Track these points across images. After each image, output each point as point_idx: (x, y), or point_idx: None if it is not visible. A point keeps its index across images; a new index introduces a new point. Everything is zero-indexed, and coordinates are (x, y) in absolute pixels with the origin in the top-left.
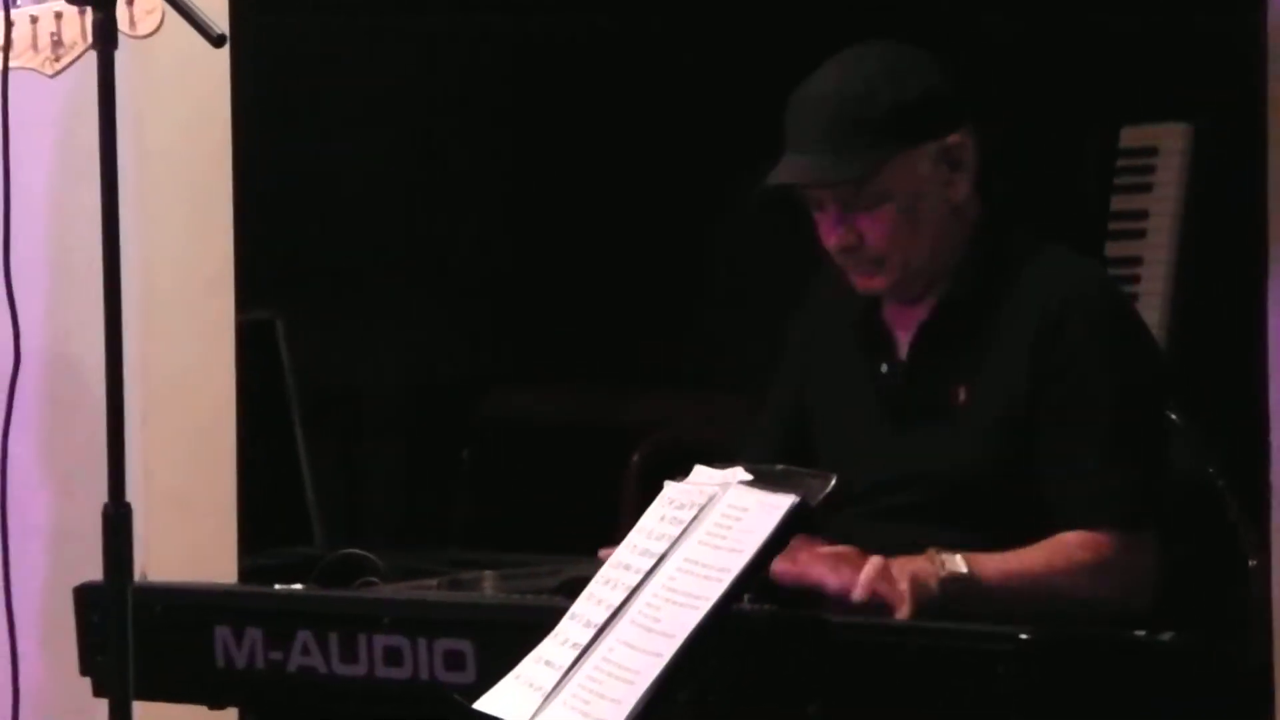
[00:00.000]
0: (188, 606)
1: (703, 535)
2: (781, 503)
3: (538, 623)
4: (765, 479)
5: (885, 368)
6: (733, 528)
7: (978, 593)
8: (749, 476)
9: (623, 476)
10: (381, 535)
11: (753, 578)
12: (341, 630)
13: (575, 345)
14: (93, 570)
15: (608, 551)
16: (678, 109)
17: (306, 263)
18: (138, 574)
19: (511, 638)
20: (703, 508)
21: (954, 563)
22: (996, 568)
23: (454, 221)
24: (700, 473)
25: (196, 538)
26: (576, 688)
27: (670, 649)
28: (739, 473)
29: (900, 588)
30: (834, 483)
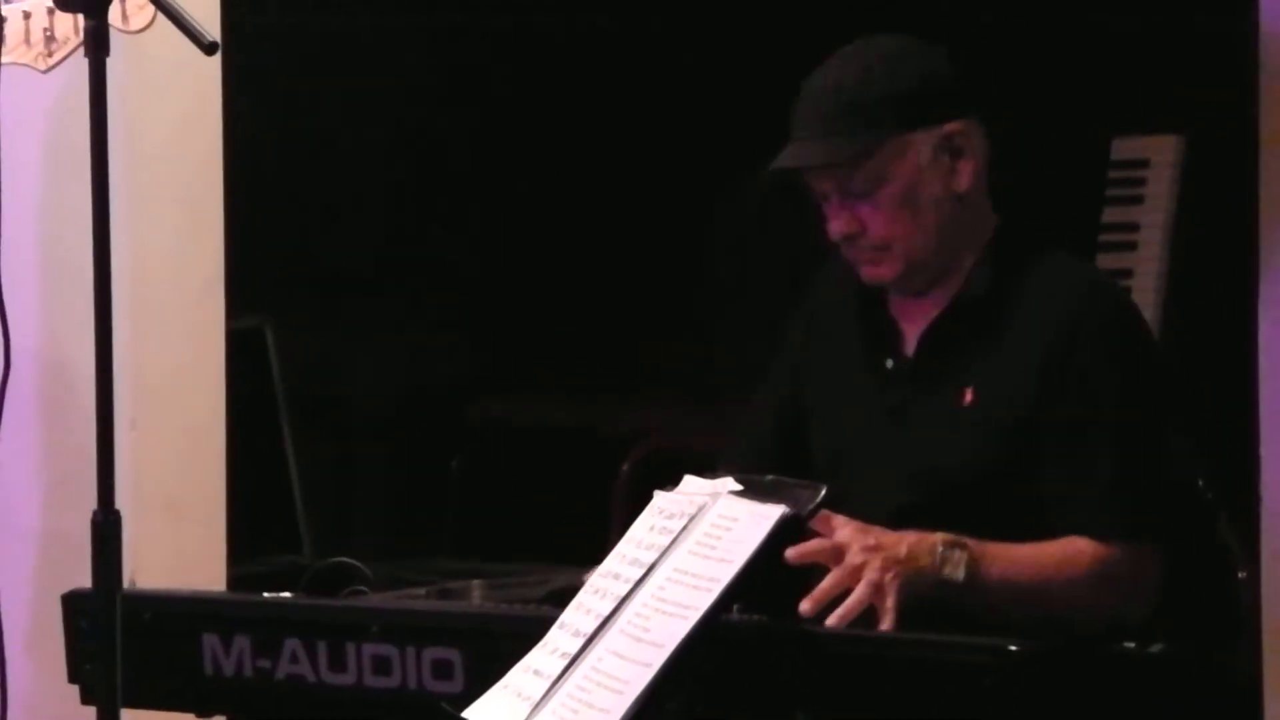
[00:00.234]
0: (176, 614)
1: (692, 545)
2: (771, 513)
3: (526, 632)
4: (755, 489)
5: (891, 363)
6: (722, 538)
7: (973, 597)
8: (739, 487)
9: (612, 486)
10: (370, 544)
11: (742, 588)
12: (330, 639)
13: (565, 354)
14: (81, 576)
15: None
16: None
17: (297, 270)
18: (126, 581)
19: (500, 647)
20: (692, 518)
21: (955, 565)
22: (1000, 573)
23: (445, 229)
24: (690, 483)
25: (185, 545)
26: (565, 697)
27: (659, 659)
28: (729, 483)
29: (888, 603)
30: (823, 493)
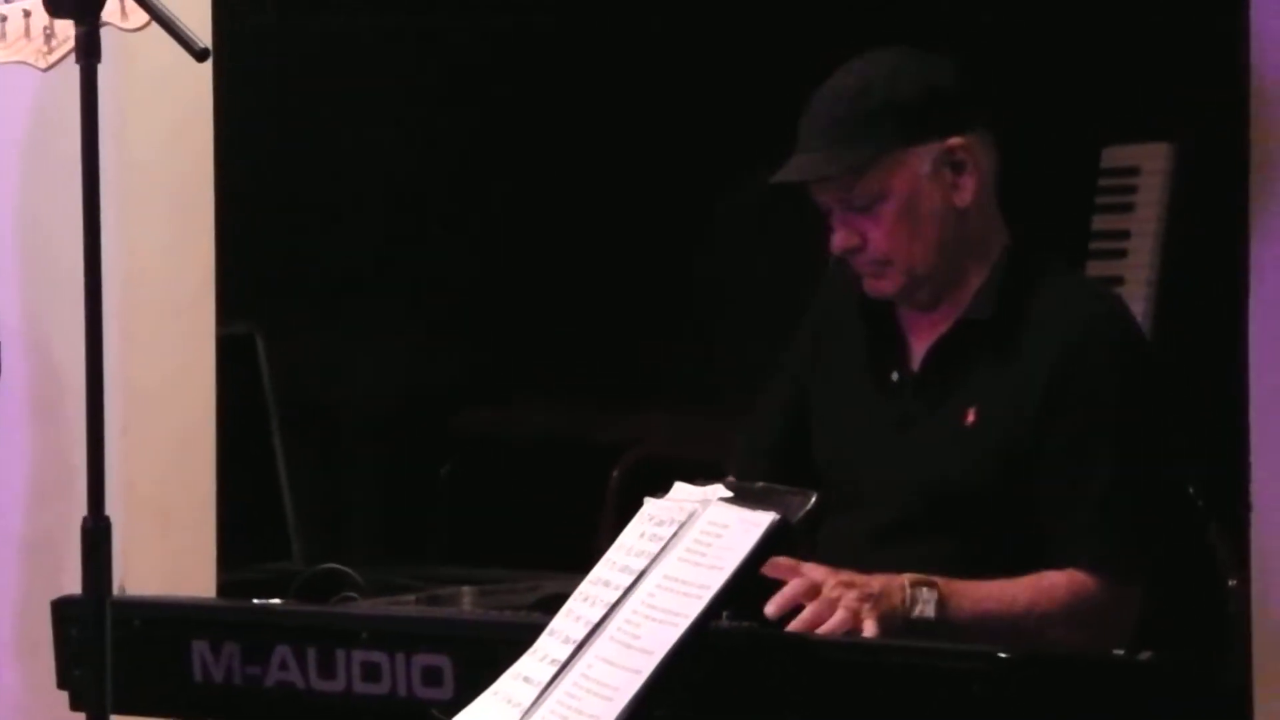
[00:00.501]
0: (166, 620)
1: (682, 552)
2: (761, 520)
3: (516, 639)
4: (745, 496)
5: (896, 376)
6: (712, 545)
7: (946, 631)
8: (729, 493)
9: (602, 493)
10: (360, 551)
11: (732, 595)
12: (319, 645)
13: (556, 361)
14: (70, 582)
15: None
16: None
17: (287, 278)
18: (116, 587)
19: (490, 653)
20: (682, 524)
21: (925, 604)
22: (971, 609)
23: (434, 238)
24: (680, 489)
25: (175, 551)
26: (555, 704)
27: (649, 666)
28: (719, 490)
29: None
30: (813, 500)
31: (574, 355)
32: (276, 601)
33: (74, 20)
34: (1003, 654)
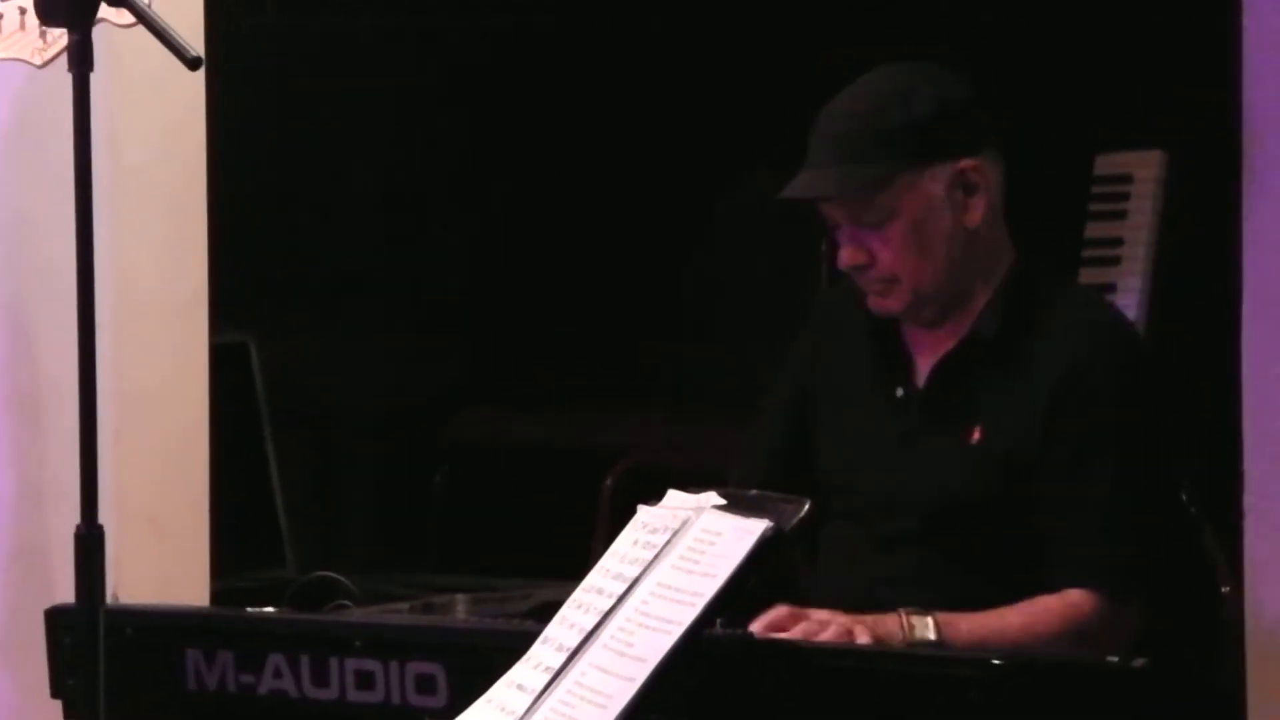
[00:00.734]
0: (159, 629)
1: (676, 560)
2: (755, 528)
3: (510, 646)
4: (739, 504)
5: (901, 392)
6: (706, 552)
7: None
8: (722, 501)
9: (596, 500)
10: (354, 558)
11: (725, 602)
12: (313, 653)
13: (548, 369)
14: (63, 590)
15: None
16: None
17: (280, 285)
18: (109, 596)
19: (483, 661)
20: (676, 532)
21: (924, 629)
22: (968, 633)
23: (427, 245)
24: (674, 497)
25: (168, 559)
26: (549, 711)
27: (643, 673)
28: (712, 497)
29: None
30: (807, 508)
31: (567, 363)
32: (270, 610)
33: (66, 28)
34: (997, 661)
